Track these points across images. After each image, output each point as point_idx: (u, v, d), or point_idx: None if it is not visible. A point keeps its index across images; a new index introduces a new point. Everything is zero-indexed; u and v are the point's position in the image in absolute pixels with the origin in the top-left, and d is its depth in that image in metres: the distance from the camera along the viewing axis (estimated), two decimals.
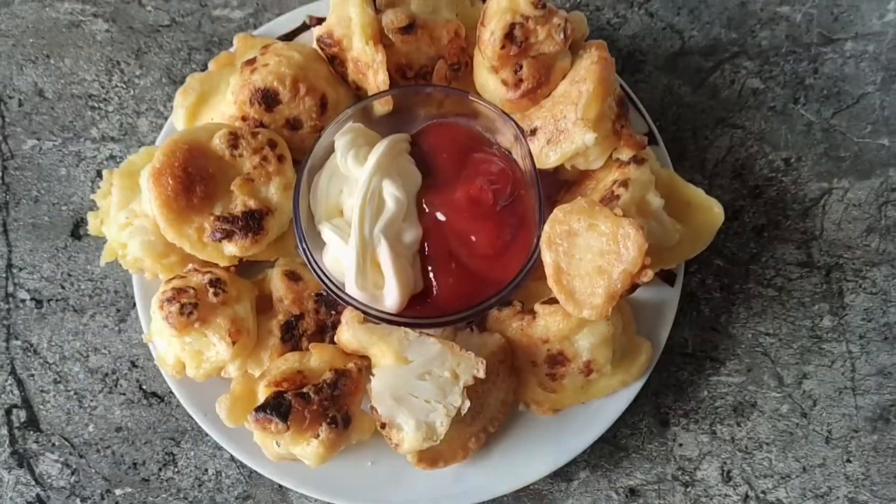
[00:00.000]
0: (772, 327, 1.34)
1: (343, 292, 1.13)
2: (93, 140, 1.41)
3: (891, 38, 1.48)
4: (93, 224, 1.21)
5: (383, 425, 1.06)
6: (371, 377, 1.09)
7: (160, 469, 1.27)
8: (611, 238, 1.06)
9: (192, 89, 1.27)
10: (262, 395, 1.07)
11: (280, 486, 1.24)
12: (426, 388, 1.06)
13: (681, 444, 1.29)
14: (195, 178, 1.12)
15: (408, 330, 1.09)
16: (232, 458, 1.26)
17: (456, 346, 1.08)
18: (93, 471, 1.27)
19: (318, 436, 1.04)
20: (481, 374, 1.06)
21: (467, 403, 1.05)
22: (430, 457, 1.12)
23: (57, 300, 1.33)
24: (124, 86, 1.44)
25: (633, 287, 1.07)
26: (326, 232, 1.17)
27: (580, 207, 1.09)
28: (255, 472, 1.19)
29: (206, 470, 1.27)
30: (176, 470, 1.27)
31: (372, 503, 1.16)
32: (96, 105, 1.43)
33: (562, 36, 1.16)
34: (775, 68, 1.46)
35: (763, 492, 1.27)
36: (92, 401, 1.30)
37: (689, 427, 1.29)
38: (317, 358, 1.11)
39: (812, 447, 1.29)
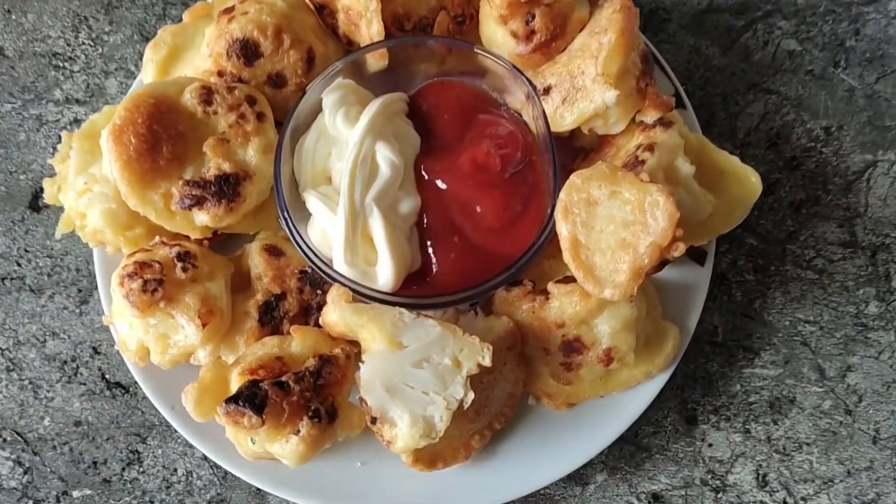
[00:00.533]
0: (812, 314, 1.25)
1: (330, 269, 1.04)
2: (56, 102, 1.32)
3: None
4: (49, 192, 1.11)
5: (374, 420, 0.96)
6: (360, 364, 0.98)
7: (123, 469, 1.17)
8: (636, 207, 0.98)
9: (164, 43, 1.17)
10: (235, 384, 0.97)
11: (257, 490, 1.15)
12: (423, 378, 0.95)
13: (710, 445, 1.20)
14: (162, 138, 1.02)
15: (403, 310, 0.99)
16: (204, 458, 1.16)
17: (458, 329, 0.98)
18: (48, 470, 1.17)
19: (299, 431, 0.94)
20: (487, 362, 0.96)
21: (471, 395, 0.95)
22: (428, 457, 1.03)
23: (12, 279, 1.24)
24: (92, 43, 1.35)
25: (662, 263, 0.99)
26: (312, 200, 1.08)
27: (601, 172, 1.00)
28: (231, 472, 1.09)
29: (176, 470, 1.17)
30: (141, 470, 1.17)
31: None
32: (61, 64, 1.34)
33: None
34: (813, 28, 1.37)
35: (803, 498, 1.17)
36: (49, 391, 1.20)
37: (719, 425, 1.20)
38: (299, 343, 1.01)
39: (858, 448, 1.20)
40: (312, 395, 0.95)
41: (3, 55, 1.32)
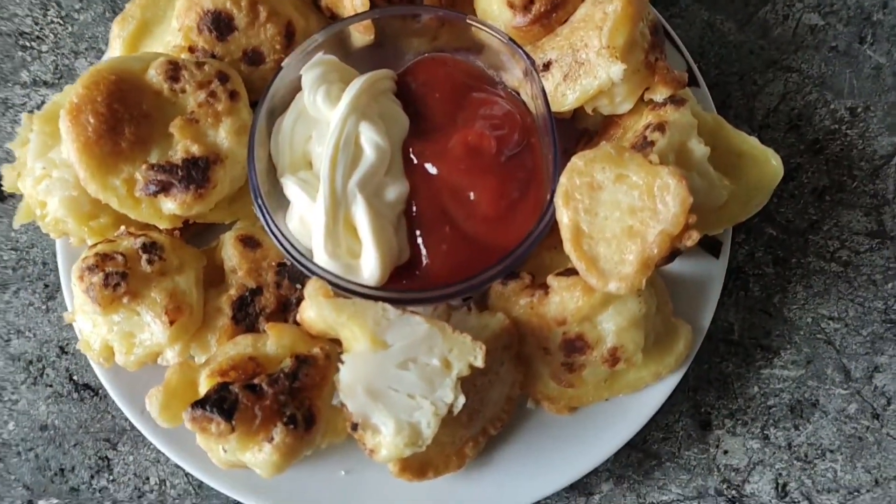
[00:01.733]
0: (836, 310, 1.21)
1: (310, 261, 0.99)
2: (23, 85, 1.28)
3: None
4: (8, 178, 1.05)
5: (355, 426, 0.90)
6: (340, 365, 0.91)
7: (92, 477, 1.13)
8: (645, 191, 0.94)
9: (132, 17, 1.11)
10: (204, 387, 0.90)
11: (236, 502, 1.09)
12: (409, 380, 0.90)
13: (725, 452, 1.16)
14: (123, 118, 0.96)
15: (387, 306, 0.93)
16: (177, 466, 1.11)
17: (448, 327, 0.92)
18: (12, 477, 1.13)
19: (272, 439, 0.88)
20: (479, 363, 0.91)
21: (462, 399, 0.90)
22: (417, 465, 0.98)
23: None
24: (61, 22, 1.31)
25: (673, 254, 0.95)
26: (291, 187, 1.02)
27: (606, 154, 0.95)
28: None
29: (148, 478, 1.13)
30: (111, 478, 1.13)
31: None
32: (28, 44, 1.29)
33: None
34: (837, 1, 1.32)
35: None
36: (13, 393, 1.16)
37: (735, 430, 1.17)
38: (274, 341, 0.95)
39: (886, 455, 1.16)
40: (288, 399, 0.88)
41: None
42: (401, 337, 0.91)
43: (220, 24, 1.01)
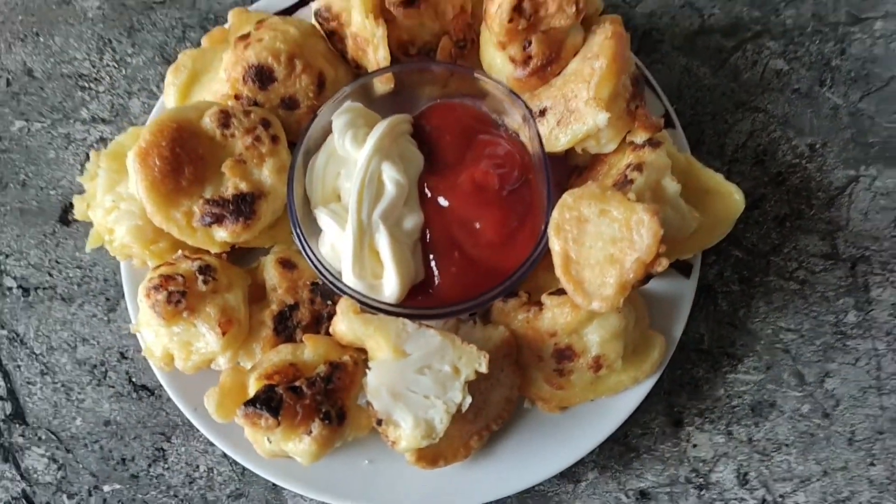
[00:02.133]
0: (793, 322, 1.29)
1: (339, 281, 1.09)
2: (83, 121, 1.38)
3: None
4: (79, 208, 1.17)
5: (380, 422, 1.02)
6: (367, 371, 1.04)
7: (150, 465, 1.24)
8: (623, 225, 1.02)
9: (184, 66, 1.22)
10: (253, 388, 1.03)
11: (273, 485, 1.21)
12: (425, 383, 1.02)
13: (695, 445, 1.25)
14: (184, 159, 1.08)
15: (406, 321, 1.05)
16: (224, 455, 1.23)
17: (457, 338, 1.04)
18: (80, 466, 1.24)
19: (311, 432, 1.01)
20: (483, 369, 1.02)
21: (469, 399, 1.01)
22: (430, 455, 1.08)
23: (44, 288, 1.30)
24: (116, 65, 1.40)
25: (647, 277, 1.02)
26: (323, 217, 1.13)
27: (591, 192, 1.05)
28: (249, 469, 1.15)
29: (198, 466, 1.24)
30: (166, 466, 1.24)
31: (369, 503, 1.12)
32: (87, 85, 1.39)
33: (573, 9, 1.11)
34: (800, 49, 1.41)
35: (781, 496, 1.23)
36: (80, 393, 1.26)
37: (703, 427, 1.25)
38: (311, 350, 1.07)
39: (834, 449, 1.25)
40: (323, 399, 1.01)
41: (33, 76, 1.38)
42: (418, 347, 1.03)
43: (262, 76, 1.13)
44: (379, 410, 1.01)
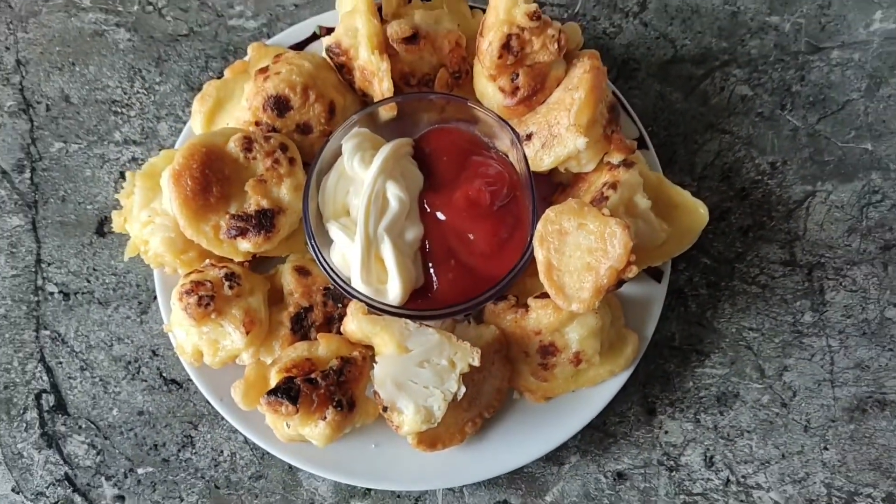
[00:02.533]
0: (755, 322, 1.39)
1: (349, 286, 1.19)
2: (116, 143, 1.48)
3: (875, 46, 1.53)
4: (117, 222, 1.28)
5: (385, 409, 1.12)
6: (374, 364, 1.15)
7: (179, 450, 1.34)
8: (598, 237, 1.11)
9: (209, 96, 1.34)
10: (274, 380, 1.14)
11: (290, 466, 1.31)
12: (425, 375, 1.12)
13: (666, 432, 1.34)
14: (212, 180, 1.18)
15: (408, 321, 1.16)
16: (245, 441, 1.33)
17: (453, 336, 1.15)
18: (117, 451, 1.34)
19: (325, 418, 1.11)
20: (476, 363, 1.12)
21: (463, 389, 1.11)
22: (430, 439, 1.18)
23: (83, 293, 1.41)
24: (145, 92, 1.51)
25: (620, 283, 1.12)
26: (334, 230, 1.23)
27: (570, 208, 1.14)
28: (267, 453, 1.26)
29: (222, 451, 1.34)
30: (194, 451, 1.33)
31: (375, 482, 1.23)
32: (119, 110, 1.50)
33: (556, 46, 1.22)
34: (764, 76, 1.51)
35: (743, 476, 1.32)
36: (116, 387, 1.36)
37: (674, 415, 1.35)
38: (324, 347, 1.18)
39: (791, 435, 1.34)
40: (336, 389, 1.11)
41: (70, 102, 1.50)
42: (419, 343, 1.13)
43: (280, 105, 1.24)
44: (384, 399, 1.12)
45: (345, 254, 1.22)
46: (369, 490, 1.32)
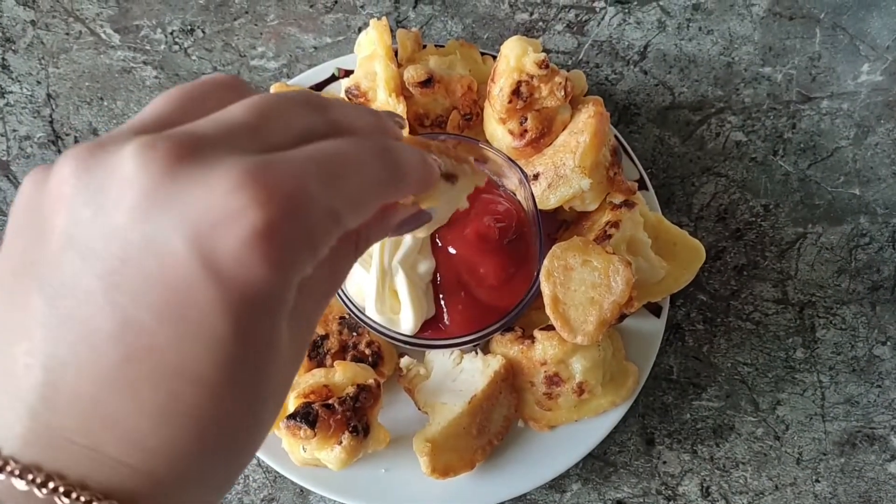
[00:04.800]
0: (749, 358, 1.44)
1: (364, 315, 1.23)
2: None
3: (863, 97, 1.61)
4: None
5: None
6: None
7: None
8: (602, 273, 1.17)
9: None
10: (292, 405, 1.18)
11: (301, 489, 1.34)
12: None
13: (664, 462, 1.38)
14: None
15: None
16: (258, 464, 1.36)
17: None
18: None
19: (342, 442, 1.15)
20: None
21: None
22: (443, 468, 1.21)
23: None
24: None
25: (622, 317, 1.18)
26: None
27: (576, 245, 1.20)
28: (280, 476, 1.30)
29: None
30: None
31: None
32: None
33: (562, 93, 1.29)
34: (757, 123, 1.58)
35: None
36: None
37: (672, 446, 1.39)
38: (340, 374, 1.22)
39: (784, 467, 1.39)
40: (352, 415, 1.15)
41: (97, 134, 1.57)
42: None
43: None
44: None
45: (360, 284, 1.26)
46: None
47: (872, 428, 1.42)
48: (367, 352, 1.30)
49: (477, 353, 1.30)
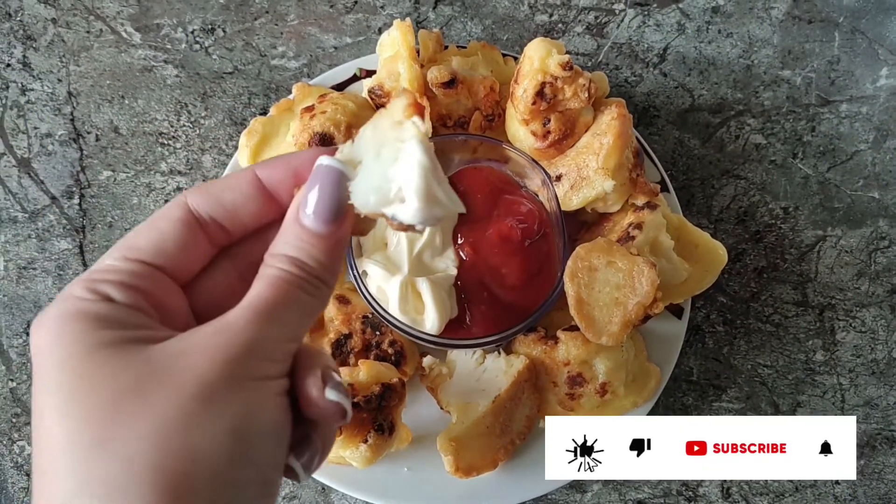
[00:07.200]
0: (769, 359, 1.44)
1: (388, 314, 1.22)
2: (162, 173, 1.54)
3: (882, 101, 1.61)
4: None
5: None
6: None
7: None
8: (627, 274, 1.17)
9: (256, 131, 1.40)
10: None
11: (323, 488, 1.35)
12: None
13: None
14: None
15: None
16: None
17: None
18: None
19: (367, 441, 1.15)
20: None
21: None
22: (466, 467, 1.21)
23: None
24: (191, 125, 1.57)
25: (646, 318, 1.17)
26: (370, 266, 1.26)
27: (600, 246, 1.20)
28: None
29: None
30: None
31: (407, 503, 1.26)
32: (165, 142, 1.56)
33: (586, 94, 1.29)
34: (776, 126, 1.58)
35: None
36: None
37: None
38: (365, 372, 1.21)
39: None
40: (377, 414, 1.15)
41: (118, 133, 1.57)
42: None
43: (324, 141, 1.27)
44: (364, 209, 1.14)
45: (380, 285, 1.26)
46: None
47: (892, 430, 1.42)
48: (390, 351, 1.30)
49: (499, 353, 1.30)
